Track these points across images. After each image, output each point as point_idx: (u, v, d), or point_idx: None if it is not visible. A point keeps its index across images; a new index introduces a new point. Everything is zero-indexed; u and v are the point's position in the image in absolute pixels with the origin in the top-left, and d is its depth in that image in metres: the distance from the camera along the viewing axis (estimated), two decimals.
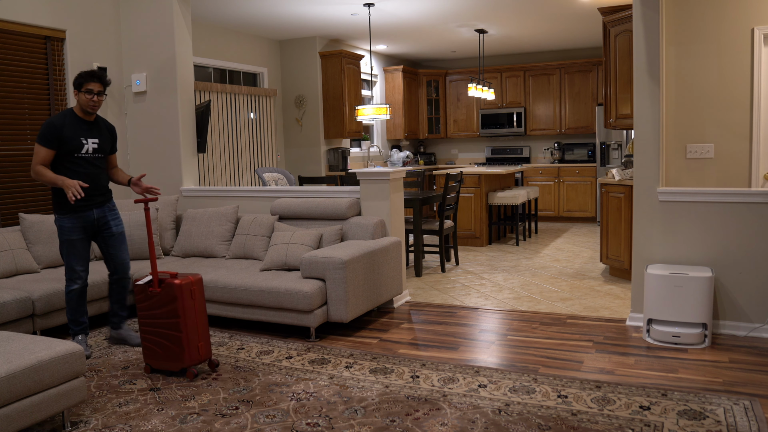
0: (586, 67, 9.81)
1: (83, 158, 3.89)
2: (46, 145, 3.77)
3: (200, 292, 3.58)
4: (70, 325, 4.02)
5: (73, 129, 3.85)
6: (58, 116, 3.85)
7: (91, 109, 3.87)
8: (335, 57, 8.55)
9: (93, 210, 3.96)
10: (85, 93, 3.83)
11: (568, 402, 3.05)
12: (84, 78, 3.84)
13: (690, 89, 4.75)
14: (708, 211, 4.05)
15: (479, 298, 5.15)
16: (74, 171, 3.85)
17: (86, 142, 3.89)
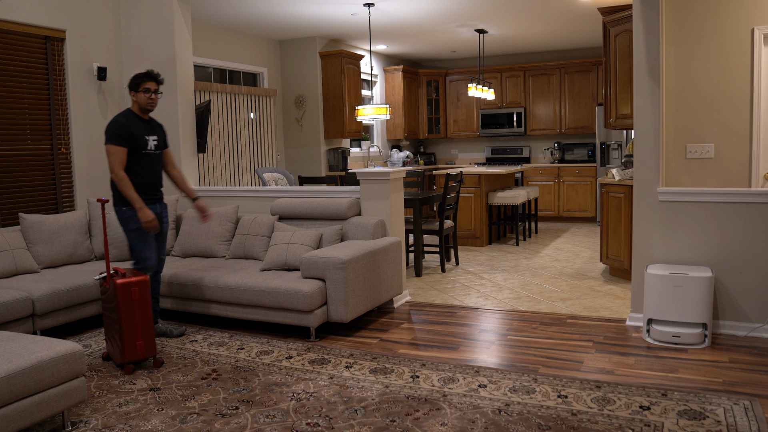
0: (586, 67, 9.81)
1: (148, 155, 4.07)
2: (119, 143, 3.91)
3: (142, 293, 3.63)
4: None
5: (137, 127, 4.02)
6: (121, 116, 4.00)
7: (150, 107, 4.07)
8: (335, 57, 8.55)
9: (156, 204, 4.15)
10: (143, 92, 4.02)
11: (568, 402, 3.05)
12: (141, 78, 4.03)
13: (690, 89, 4.75)
14: (708, 211, 4.05)
15: (479, 298, 5.15)
16: (143, 167, 4.03)
17: (149, 139, 4.08)
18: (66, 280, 4.35)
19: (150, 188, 4.12)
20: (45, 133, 5.38)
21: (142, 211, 3.93)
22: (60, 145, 5.48)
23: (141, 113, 4.10)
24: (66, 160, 5.53)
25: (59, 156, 5.48)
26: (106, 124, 3.99)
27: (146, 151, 4.07)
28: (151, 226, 3.96)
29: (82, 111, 5.61)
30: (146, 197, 4.05)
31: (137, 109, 4.09)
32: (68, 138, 5.54)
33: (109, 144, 3.92)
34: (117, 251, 5.02)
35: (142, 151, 4.04)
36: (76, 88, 5.55)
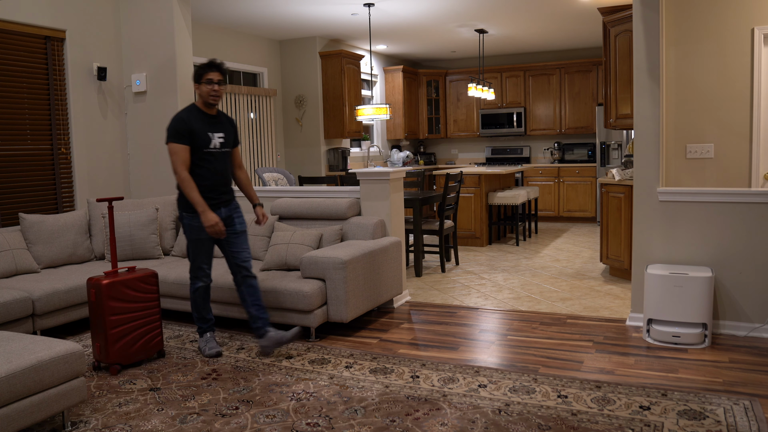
0: (586, 67, 9.81)
1: (211, 153, 3.77)
2: (180, 141, 3.65)
3: (99, 295, 3.58)
4: (198, 323, 3.97)
5: (200, 123, 3.73)
6: (183, 111, 3.74)
7: (213, 99, 3.74)
8: (335, 57, 8.55)
9: (221, 209, 3.84)
10: (206, 83, 3.71)
11: (568, 402, 3.05)
12: (203, 69, 3.72)
13: (690, 89, 4.75)
14: (708, 211, 4.05)
15: (479, 298, 5.15)
16: (205, 168, 3.74)
17: (213, 137, 3.77)
18: (66, 280, 4.35)
19: (214, 191, 3.80)
20: (45, 133, 5.38)
21: (204, 215, 3.64)
22: (60, 145, 5.49)
23: (205, 107, 3.79)
24: (66, 160, 5.53)
25: (59, 156, 5.48)
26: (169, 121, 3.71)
27: (209, 150, 3.75)
28: (214, 230, 3.67)
29: (82, 111, 5.61)
30: (210, 201, 3.75)
31: (201, 103, 3.78)
32: (68, 138, 5.54)
33: (170, 143, 3.65)
34: (117, 251, 5.02)
35: (204, 149, 3.72)
36: (76, 88, 5.56)
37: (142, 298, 3.74)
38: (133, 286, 3.69)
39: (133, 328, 3.69)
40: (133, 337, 3.70)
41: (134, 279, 3.70)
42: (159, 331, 3.83)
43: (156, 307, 3.82)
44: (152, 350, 3.81)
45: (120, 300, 3.63)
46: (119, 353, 3.64)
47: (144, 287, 3.75)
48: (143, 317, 3.74)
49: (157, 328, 3.82)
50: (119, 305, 3.63)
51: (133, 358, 3.70)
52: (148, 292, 3.77)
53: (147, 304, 3.76)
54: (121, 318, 3.63)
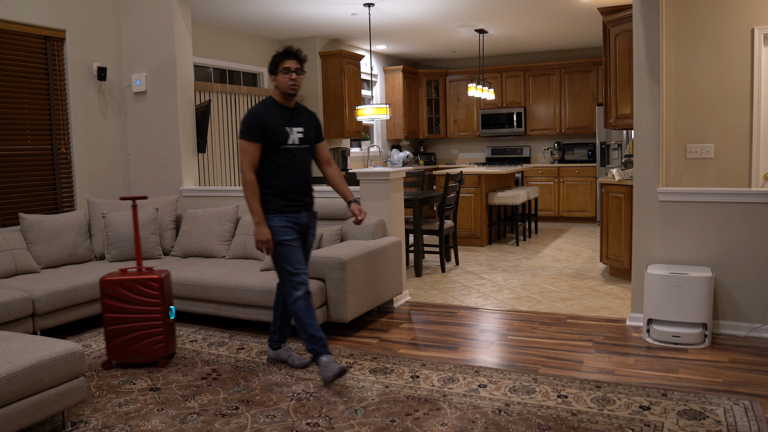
0: (586, 67, 9.81)
1: (289, 150, 3.44)
2: (251, 138, 3.37)
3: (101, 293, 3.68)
4: (309, 345, 3.42)
5: (277, 117, 3.44)
6: (258, 105, 3.46)
7: (292, 90, 3.46)
8: (335, 57, 8.55)
9: (302, 212, 3.51)
10: (283, 73, 3.44)
11: (568, 402, 3.05)
12: (279, 57, 3.47)
13: (690, 89, 4.75)
14: (708, 211, 4.05)
15: (479, 298, 5.15)
16: (281, 165, 3.42)
17: (291, 132, 3.46)
18: (66, 280, 4.35)
19: (293, 191, 3.45)
20: (45, 133, 5.38)
21: (258, 227, 3.36)
22: (60, 145, 5.49)
23: (284, 100, 3.51)
24: (66, 160, 5.53)
25: (59, 156, 5.48)
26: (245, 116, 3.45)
27: (287, 146, 3.42)
28: (263, 246, 3.38)
29: (82, 111, 5.61)
30: (289, 204, 3.43)
31: (278, 95, 3.50)
32: (68, 138, 5.54)
33: (241, 139, 3.38)
34: (117, 251, 5.02)
35: (282, 146, 3.41)
36: (76, 88, 5.56)
37: (141, 301, 3.66)
38: (130, 287, 3.65)
39: (130, 329, 3.67)
40: (131, 338, 3.67)
41: (131, 280, 3.65)
42: (162, 337, 3.69)
43: (158, 312, 3.68)
44: (153, 355, 3.69)
45: (116, 299, 3.64)
46: (114, 351, 3.67)
47: (141, 290, 3.66)
48: (142, 320, 3.67)
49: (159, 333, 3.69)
50: (115, 304, 3.64)
51: (131, 359, 3.68)
52: (147, 295, 3.67)
53: (146, 307, 3.67)
54: (117, 317, 3.65)
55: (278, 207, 3.41)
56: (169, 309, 3.76)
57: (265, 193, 3.42)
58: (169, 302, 3.78)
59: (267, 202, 3.41)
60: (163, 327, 3.69)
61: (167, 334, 3.73)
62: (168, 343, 3.73)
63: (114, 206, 5.25)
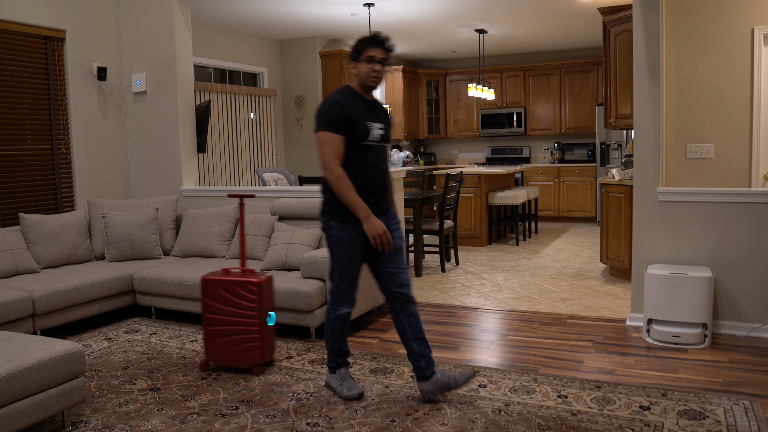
0: (586, 67, 9.81)
1: (370, 147, 3.04)
2: (335, 129, 2.94)
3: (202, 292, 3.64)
4: (333, 357, 3.27)
5: (358, 109, 3.02)
6: (337, 93, 3.04)
7: (373, 82, 3.03)
8: (335, 57, 8.55)
9: (380, 217, 3.07)
10: (366, 62, 3.00)
11: (568, 402, 3.05)
12: (363, 44, 3.02)
13: (690, 89, 4.75)
14: (708, 211, 4.05)
15: (479, 298, 5.15)
16: (362, 164, 3.01)
17: (372, 127, 3.04)
18: (66, 280, 4.35)
19: (374, 194, 3.05)
20: (45, 133, 5.38)
21: (368, 221, 2.94)
22: (60, 145, 5.49)
23: (363, 91, 3.07)
24: (66, 160, 5.53)
25: (59, 156, 5.48)
26: (319, 105, 3.03)
27: (368, 143, 3.02)
28: (381, 240, 2.97)
29: (82, 111, 5.61)
30: (369, 206, 3.01)
31: (357, 85, 3.07)
32: (68, 138, 5.54)
33: (321, 130, 2.95)
34: (117, 251, 5.02)
35: (362, 141, 3.00)
36: (76, 88, 5.56)
37: (238, 304, 3.51)
38: (228, 288, 3.53)
39: (227, 332, 3.53)
40: (228, 342, 3.53)
41: (230, 282, 3.52)
42: (258, 344, 3.50)
43: (255, 318, 3.49)
44: (248, 361, 3.53)
45: (214, 299, 3.55)
46: (212, 353, 3.58)
47: (240, 292, 3.50)
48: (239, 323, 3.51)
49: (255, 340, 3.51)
50: (213, 304, 3.56)
51: (226, 362, 3.56)
52: (245, 299, 3.50)
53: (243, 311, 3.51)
54: (215, 318, 3.55)
55: (352, 214, 3.00)
56: (268, 315, 3.54)
57: (326, 195, 3.09)
58: (269, 307, 3.56)
59: (341, 206, 3.00)
60: (260, 333, 3.49)
61: (263, 341, 3.51)
62: (264, 351, 3.53)
63: (114, 206, 5.25)
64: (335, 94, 3.03)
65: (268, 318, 3.54)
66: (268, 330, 3.56)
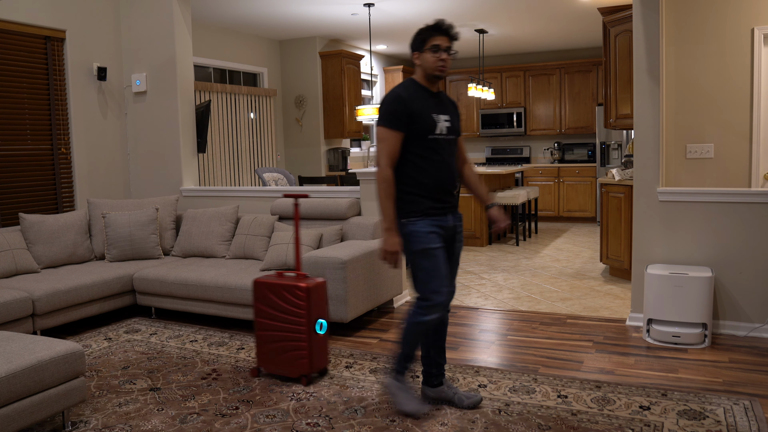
0: (586, 67, 9.81)
1: (437, 141, 2.88)
2: (394, 126, 2.80)
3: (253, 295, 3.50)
4: (404, 362, 2.98)
5: (423, 102, 2.88)
6: (400, 87, 2.90)
7: (440, 71, 2.92)
8: (335, 57, 8.55)
9: (449, 216, 2.94)
10: (431, 51, 2.90)
11: (568, 402, 3.05)
12: (427, 33, 2.91)
13: (690, 89, 4.75)
14: (708, 211, 4.05)
15: (479, 298, 5.15)
16: (429, 160, 2.86)
17: (438, 119, 2.89)
18: (66, 280, 4.35)
19: (440, 191, 2.89)
20: (45, 133, 5.38)
21: (388, 233, 2.82)
22: (60, 145, 5.49)
23: (428, 83, 2.95)
24: (66, 160, 5.54)
25: (59, 156, 5.48)
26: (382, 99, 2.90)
27: (435, 136, 2.86)
28: (389, 258, 2.85)
29: (82, 111, 5.61)
30: (434, 205, 2.87)
31: (422, 76, 2.94)
32: (68, 138, 5.54)
33: (380, 126, 2.84)
34: (117, 251, 5.02)
35: (429, 135, 2.85)
36: (76, 88, 5.56)
37: (286, 309, 3.37)
38: (276, 292, 3.39)
39: (276, 338, 3.41)
40: (277, 348, 3.41)
41: (277, 285, 3.38)
42: (305, 352, 3.33)
43: (302, 324, 3.33)
44: (296, 370, 3.37)
45: (264, 303, 3.43)
46: (263, 359, 3.47)
47: (287, 297, 3.35)
48: (287, 330, 3.37)
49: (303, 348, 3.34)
50: (263, 308, 3.43)
51: (276, 370, 3.44)
52: (293, 304, 3.35)
53: (291, 317, 3.35)
54: (265, 323, 3.43)
55: (422, 209, 2.85)
56: (318, 322, 3.36)
57: (406, 192, 2.87)
58: (319, 314, 3.38)
59: (408, 203, 2.86)
60: (307, 341, 3.32)
61: (312, 350, 3.34)
62: (312, 360, 3.34)
63: (114, 206, 5.25)
64: (398, 88, 2.89)
65: (317, 325, 3.36)
66: (318, 338, 3.36)
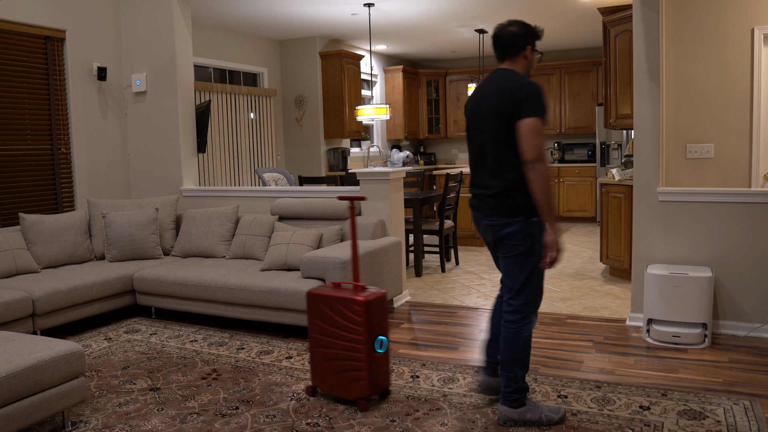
0: (586, 67, 9.81)
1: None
2: (545, 116, 2.66)
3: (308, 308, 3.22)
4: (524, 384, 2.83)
5: None
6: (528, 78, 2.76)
7: (533, 71, 2.89)
8: (335, 57, 8.55)
9: None
10: (536, 52, 2.83)
11: (568, 402, 3.04)
12: (538, 35, 2.82)
13: (690, 89, 4.75)
14: (708, 211, 4.05)
15: (479, 298, 5.15)
16: None
17: None
18: (66, 280, 4.35)
19: None
20: (45, 133, 5.38)
21: (556, 230, 2.66)
22: (60, 145, 5.49)
23: None
24: (66, 160, 5.53)
25: (59, 156, 5.48)
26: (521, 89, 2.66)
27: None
28: (555, 258, 2.69)
29: (82, 111, 5.61)
30: None
31: (524, 71, 2.83)
32: (68, 138, 5.54)
33: (536, 117, 2.62)
34: (117, 251, 5.02)
35: None
36: (76, 88, 5.56)
37: (342, 325, 3.06)
38: (331, 306, 3.09)
39: (331, 355, 3.12)
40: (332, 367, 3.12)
41: (332, 298, 3.08)
42: (364, 373, 3.01)
43: (360, 343, 3.01)
44: (353, 392, 3.06)
45: (318, 317, 3.14)
46: (317, 378, 3.19)
47: (343, 311, 3.05)
48: (343, 347, 3.07)
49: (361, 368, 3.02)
50: (318, 323, 3.14)
51: (331, 390, 3.14)
52: (349, 319, 3.04)
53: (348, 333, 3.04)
54: (319, 339, 3.15)
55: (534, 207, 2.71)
56: (378, 340, 3.05)
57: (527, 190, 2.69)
58: (379, 331, 3.07)
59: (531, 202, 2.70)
60: (366, 361, 3.00)
61: (371, 370, 3.02)
62: (372, 381, 3.03)
63: (114, 206, 5.25)
64: (527, 78, 2.74)
65: (377, 343, 3.05)
66: (379, 357, 3.06)
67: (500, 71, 2.82)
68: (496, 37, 2.84)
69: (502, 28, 2.82)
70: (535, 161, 2.60)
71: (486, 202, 2.79)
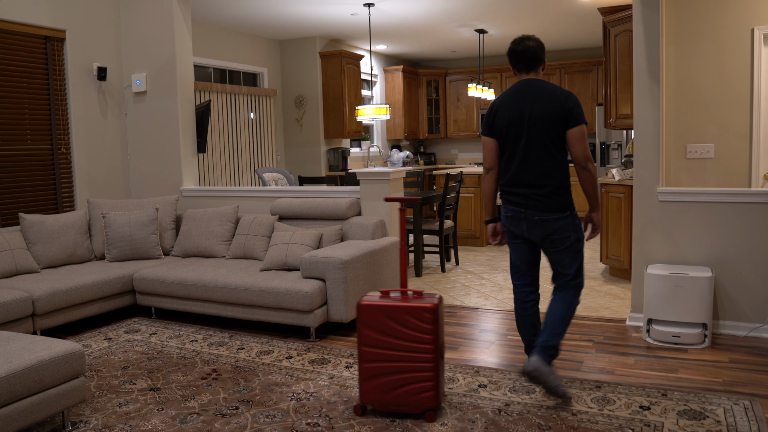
0: (586, 67, 9.81)
1: None
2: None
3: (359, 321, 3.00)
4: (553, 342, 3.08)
5: None
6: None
7: None
8: (335, 57, 8.55)
9: None
10: None
11: (569, 402, 3.04)
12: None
13: (690, 89, 4.75)
14: (708, 211, 4.05)
15: (479, 298, 5.15)
16: None
17: None
18: (66, 280, 4.35)
19: None
20: (45, 133, 5.38)
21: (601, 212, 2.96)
22: (60, 145, 5.49)
23: None
24: (66, 160, 5.54)
25: (59, 156, 5.48)
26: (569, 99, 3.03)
27: None
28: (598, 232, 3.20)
29: (82, 111, 5.61)
30: None
31: None
32: (68, 138, 5.54)
33: (584, 124, 3.05)
34: (117, 251, 5.02)
35: None
36: (76, 88, 5.56)
37: (408, 335, 2.90)
38: (397, 317, 2.91)
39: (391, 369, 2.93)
40: (392, 381, 2.93)
41: (399, 309, 2.89)
42: (431, 384, 2.89)
43: (429, 352, 2.88)
44: (418, 405, 2.91)
45: (377, 330, 2.93)
46: (369, 394, 2.97)
47: (411, 321, 2.89)
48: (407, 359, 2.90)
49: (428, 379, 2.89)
50: (374, 336, 2.93)
51: (389, 406, 2.95)
52: (417, 329, 2.89)
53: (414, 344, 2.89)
54: (375, 352, 2.94)
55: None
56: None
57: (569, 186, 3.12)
58: (442, 338, 3.01)
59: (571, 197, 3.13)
60: (434, 370, 2.89)
61: (438, 380, 2.92)
62: (438, 392, 2.93)
63: (114, 206, 5.25)
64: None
65: None
66: (442, 365, 2.99)
67: (533, 81, 3.14)
68: (522, 51, 3.14)
69: (524, 42, 3.15)
70: (588, 161, 3.04)
71: (537, 200, 3.10)
